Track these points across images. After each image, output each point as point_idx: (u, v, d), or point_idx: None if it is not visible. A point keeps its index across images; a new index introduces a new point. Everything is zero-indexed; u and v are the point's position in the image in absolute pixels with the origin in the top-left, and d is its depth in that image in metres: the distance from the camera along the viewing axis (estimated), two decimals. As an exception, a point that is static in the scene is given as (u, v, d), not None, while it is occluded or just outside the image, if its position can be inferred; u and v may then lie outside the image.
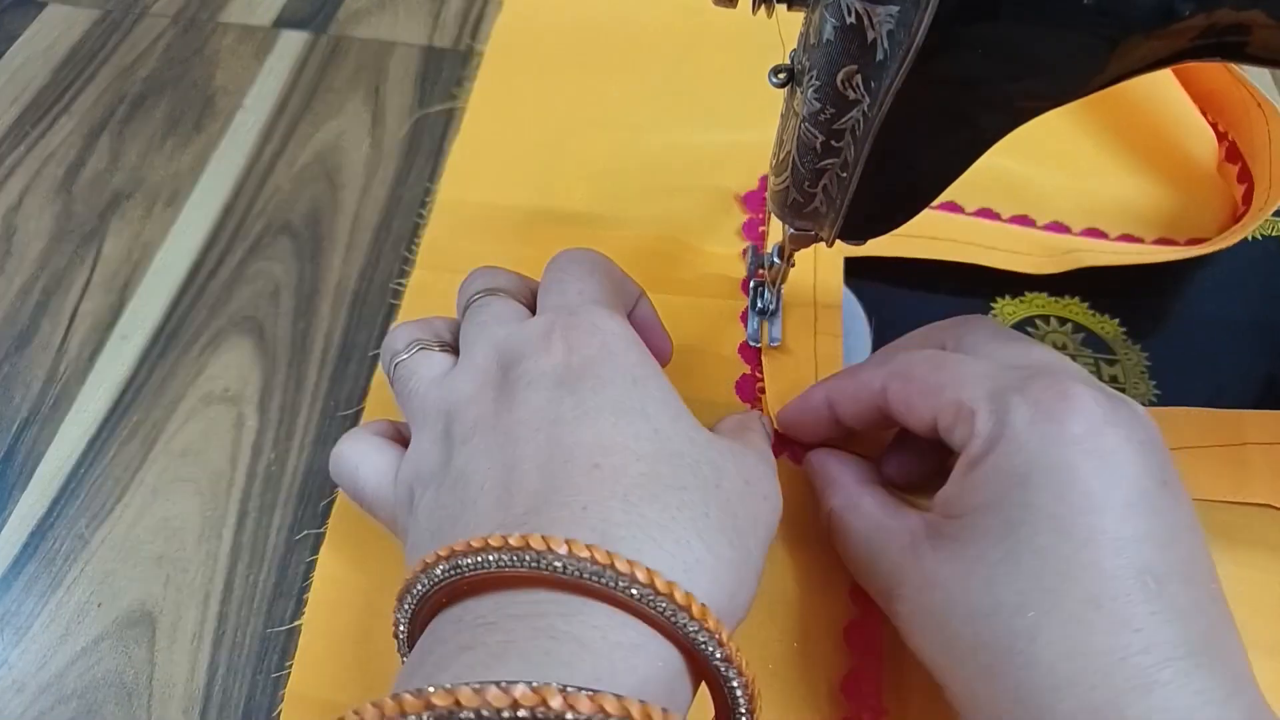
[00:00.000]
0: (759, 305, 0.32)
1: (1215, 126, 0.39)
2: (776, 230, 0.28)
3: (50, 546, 0.28)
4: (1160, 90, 0.39)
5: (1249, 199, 0.36)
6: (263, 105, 0.41)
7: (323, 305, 0.34)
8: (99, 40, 0.44)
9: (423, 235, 0.36)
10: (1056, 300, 0.35)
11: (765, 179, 0.37)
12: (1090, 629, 0.18)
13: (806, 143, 0.22)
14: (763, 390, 0.31)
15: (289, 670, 0.26)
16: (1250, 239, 0.35)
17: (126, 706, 0.25)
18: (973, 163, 0.22)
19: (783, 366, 0.32)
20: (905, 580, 0.22)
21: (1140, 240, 0.36)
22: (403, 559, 0.28)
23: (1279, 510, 0.28)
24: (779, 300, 0.32)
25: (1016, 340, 0.24)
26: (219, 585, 0.27)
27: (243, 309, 0.34)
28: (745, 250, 0.35)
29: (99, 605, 0.27)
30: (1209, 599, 0.19)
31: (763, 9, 0.21)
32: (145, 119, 0.41)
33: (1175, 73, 0.40)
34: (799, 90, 0.22)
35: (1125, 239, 0.36)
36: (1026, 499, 0.20)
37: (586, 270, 0.26)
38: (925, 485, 0.26)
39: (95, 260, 0.35)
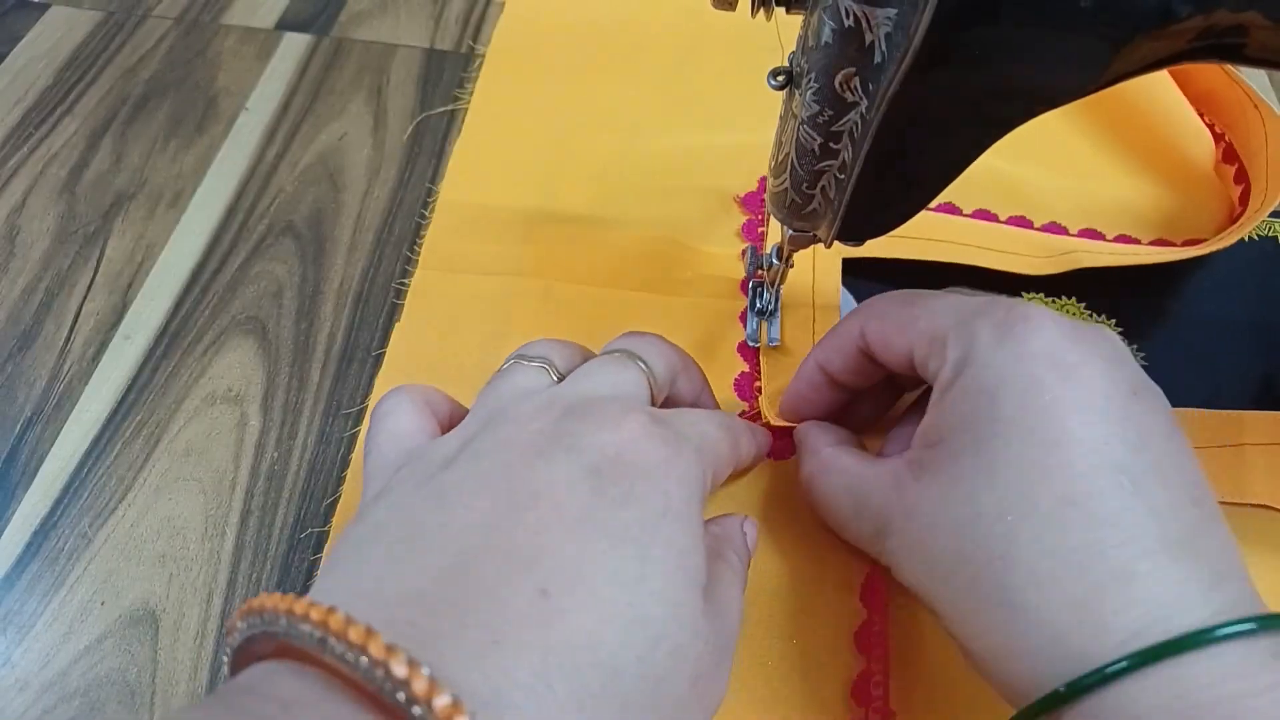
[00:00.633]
0: (758, 306, 0.33)
1: (1212, 127, 0.39)
2: (775, 231, 0.29)
3: (53, 545, 0.28)
4: (1158, 91, 0.39)
5: (1246, 199, 0.36)
6: (265, 107, 0.41)
7: (325, 306, 0.34)
8: (102, 42, 0.44)
9: (425, 236, 0.36)
10: (1053, 300, 0.35)
11: (764, 180, 0.37)
12: (1066, 526, 0.19)
13: (805, 145, 0.22)
14: (760, 390, 0.31)
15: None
16: (1247, 239, 0.36)
17: (129, 705, 0.25)
18: (970, 164, 0.22)
19: (781, 366, 0.32)
20: (891, 516, 0.22)
21: (1137, 241, 0.36)
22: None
23: (1278, 511, 0.29)
24: (778, 301, 0.33)
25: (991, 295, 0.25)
26: (222, 584, 0.28)
27: (246, 309, 0.34)
28: (744, 251, 0.35)
29: (102, 604, 0.27)
30: (1189, 501, 0.19)
31: (762, 12, 0.21)
32: (148, 120, 0.41)
33: (1172, 74, 0.40)
34: (797, 92, 0.22)
35: (1122, 240, 0.36)
36: (995, 413, 0.20)
37: (650, 351, 0.25)
38: None
39: (98, 261, 0.36)
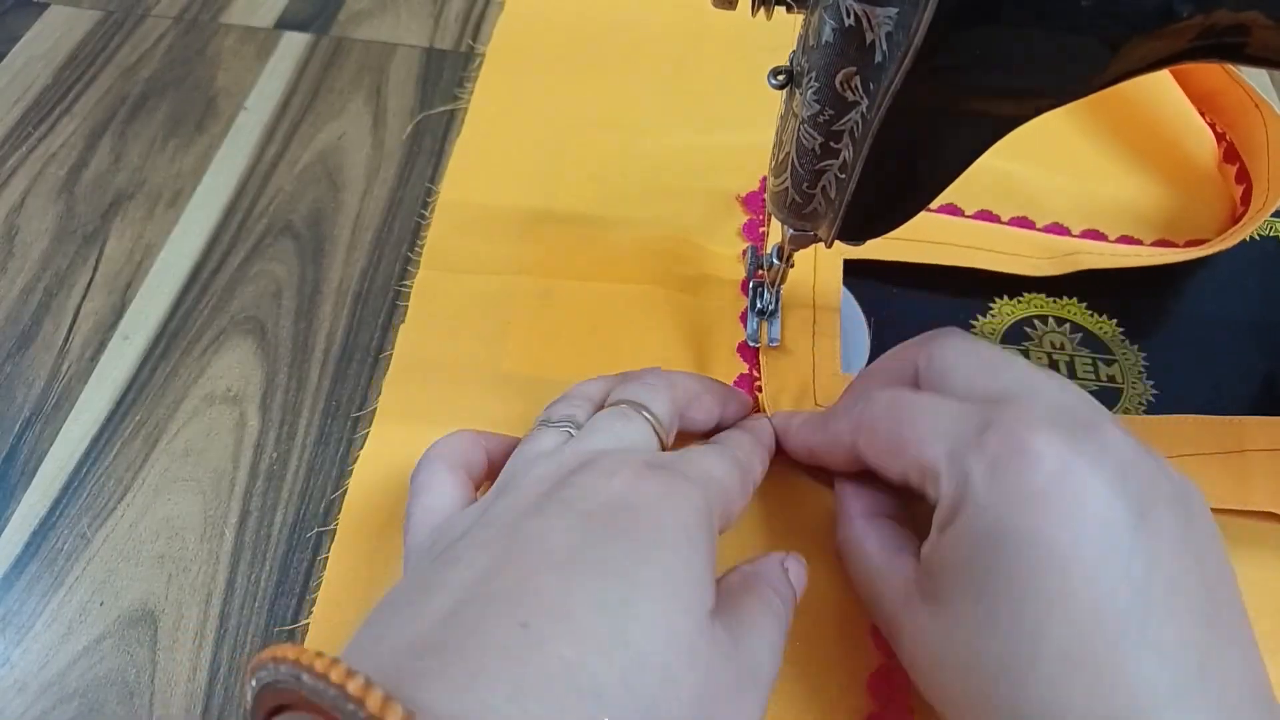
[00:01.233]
0: (758, 305, 0.32)
1: (1214, 127, 0.39)
2: (776, 231, 0.29)
3: (52, 546, 0.28)
4: (1159, 91, 0.39)
5: (1247, 199, 0.36)
6: (265, 106, 0.41)
7: (324, 305, 0.34)
8: (101, 41, 0.44)
9: (424, 236, 0.36)
10: (1054, 301, 0.35)
11: (765, 180, 0.37)
12: (1070, 686, 0.18)
13: (805, 144, 0.22)
14: (760, 390, 0.31)
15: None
16: (1248, 239, 0.36)
17: (128, 705, 0.25)
18: (971, 164, 0.22)
19: (781, 366, 0.32)
20: (901, 630, 0.22)
21: (1139, 241, 0.36)
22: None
23: None
24: (778, 301, 0.32)
25: (988, 359, 0.23)
26: (221, 584, 0.28)
27: (245, 309, 0.34)
28: (745, 251, 0.35)
29: (101, 604, 0.27)
30: (1202, 625, 0.19)
31: (762, 11, 0.21)
32: (147, 120, 0.41)
33: (1173, 74, 0.40)
34: (798, 92, 0.22)
35: (1124, 240, 0.36)
36: (994, 563, 0.19)
37: (656, 393, 0.25)
38: None
39: (97, 261, 0.36)
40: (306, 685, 0.15)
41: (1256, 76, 0.41)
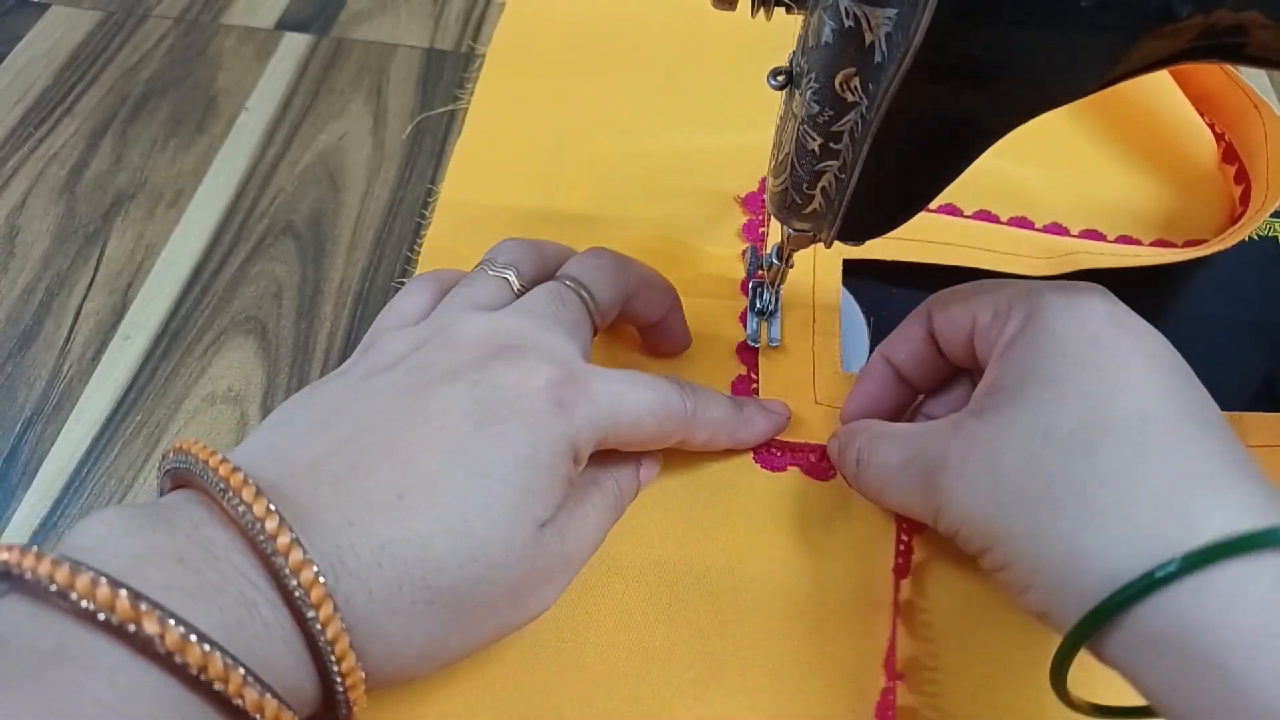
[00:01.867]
0: (758, 306, 0.33)
1: (1213, 127, 0.39)
2: (776, 231, 0.29)
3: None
4: (1158, 91, 0.39)
5: (1246, 199, 0.36)
6: (265, 107, 0.41)
7: (325, 306, 0.34)
8: (102, 42, 0.44)
9: (425, 236, 0.36)
10: (1055, 301, 0.35)
11: (765, 181, 0.37)
12: (1147, 439, 0.20)
13: (805, 144, 0.22)
14: (757, 390, 0.31)
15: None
16: (1247, 239, 0.36)
17: (130, 704, 0.25)
18: (970, 164, 0.22)
19: (780, 366, 0.32)
20: (948, 453, 0.23)
21: (1138, 242, 0.36)
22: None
23: None
24: (778, 301, 0.33)
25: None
26: (222, 584, 0.28)
27: (245, 309, 0.34)
28: (744, 251, 0.35)
29: (102, 604, 0.27)
30: (1244, 456, 0.20)
31: (761, 12, 0.21)
32: (148, 120, 0.41)
33: (1172, 74, 0.40)
34: (797, 92, 0.22)
35: (1123, 240, 0.36)
36: (1066, 350, 0.21)
37: (600, 277, 0.27)
38: None
39: (98, 261, 0.36)
40: (210, 481, 0.19)
41: (1256, 77, 0.42)
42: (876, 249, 0.34)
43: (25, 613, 0.16)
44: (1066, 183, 0.38)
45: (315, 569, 0.18)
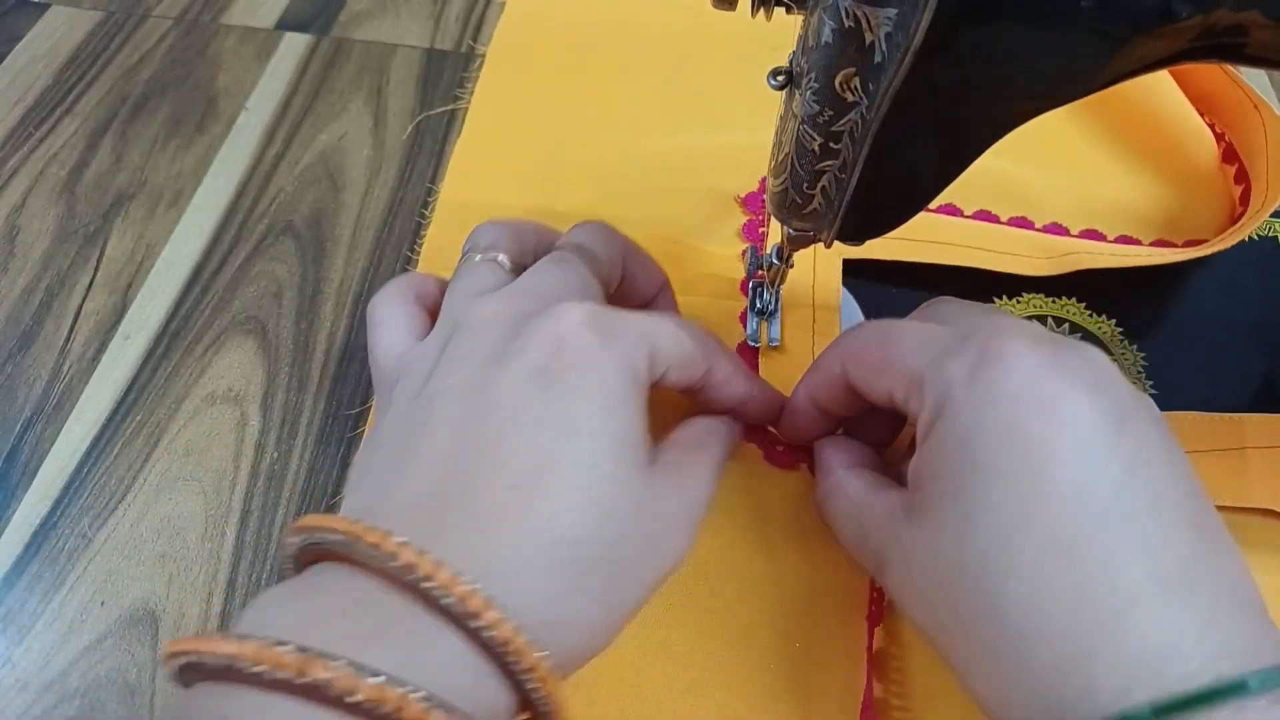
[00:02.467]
0: (758, 306, 0.33)
1: (1213, 127, 0.39)
2: (776, 231, 0.29)
3: (53, 545, 0.28)
4: (1158, 91, 0.39)
5: (1246, 199, 0.36)
6: (265, 107, 0.41)
7: (325, 306, 0.34)
8: (102, 42, 0.44)
9: (424, 236, 0.36)
10: (1053, 301, 0.35)
11: (765, 181, 0.37)
12: (1052, 575, 0.18)
13: (805, 144, 0.22)
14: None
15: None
16: (1247, 239, 0.36)
17: (129, 705, 0.25)
18: (970, 164, 0.22)
19: (780, 366, 0.32)
20: (888, 555, 0.22)
21: (1138, 242, 0.36)
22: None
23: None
24: (778, 301, 0.33)
25: (974, 309, 0.25)
26: (222, 584, 0.28)
27: (246, 309, 0.34)
28: (744, 251, 0.35)
29: (102, 604, 0.27)
30: (1187, 526, 0.19)
31: (761, 12, 0.21)
32: (148, 120, 0.41)
33: (1172, 74, 0.40)
34: (797, 92, 0.22)
35: (1123, 240, 0.36)
36: (973, 458, 0.20)
37: (592, 249, 0.27)
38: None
39: (98, 261, 0.36)
40: (346, 545, 0.19)
41: (1256, 77, 0.42)
42: (876, 249, 0.34)
43: (212, 693, 0.17)
44: (1066, 183, 0.38)
45: (468, 580, 0.18)
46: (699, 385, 0.26)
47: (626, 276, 0.29)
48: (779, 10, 0.21)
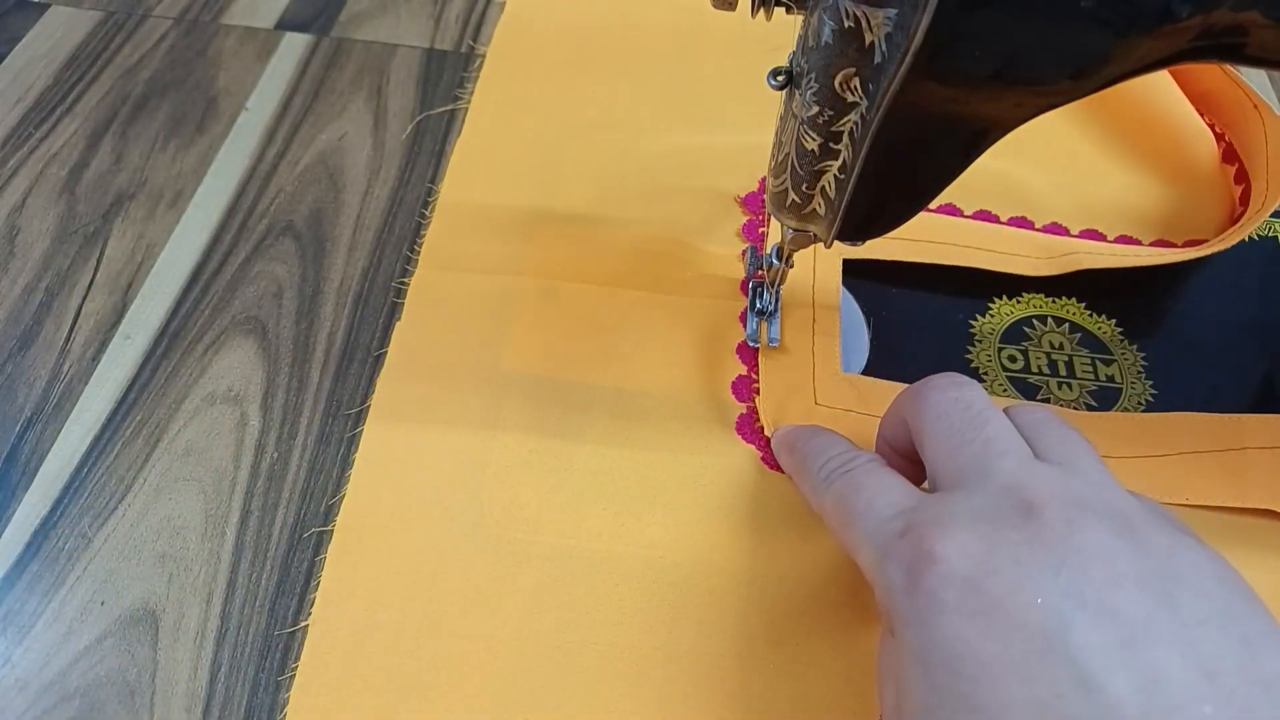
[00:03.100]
0: (758, 306, 0.33)
1: (1213, 127, 0.39)
2: (776, 231, 0.29)
3: (53, 545, 0.28)
4: (1158, 91, 0.39)
5: (1246, 199, 0.36)
6: (265, 107, 0.41)
7: (325, 305, 0.34)
8: (102, 42, 0.44)
9: (425, 236, 0.36)
10: (1053, 301, 0.35)
11: (764, 181, 0.37)
12: None
13: (805, 145, 0.22)
14: (757, 390, 0.31)
15: (293, 671, 0.26)
16: (1247, 240, 0.36)
17: (129, 705, 0.25)
18: (970, 164, 0.22)
19: (780, 366, 0.32)
20: (880, 658, 0.22)
21: (1138, 242, 0.36)
22: (410, 559, 0.28)
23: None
24: (778, 301, 0.33)
25: (959, 427, 0.23)
26: (222, 584, 0.28)
27: (246, 309, 0.34)
28: (744, 251, 0.35)
29: (102, 604, 0.27)
30: (1133, 690, 0.18)
31: (761, 12, 0.21)
32: (148, 120, 0.41)
33: (1172, 74, 0.40)
34: (797, 93, 0.22)
35: (1123, 240, 0.36)
36: (932, 680, 0.19)
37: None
38: None
39: (98, 261, 0.36)
40: None
41: (1256, 77, 0.42)
42: (876, 249, 0.34)
43: None
44: (1066, 183, 0.38)
45: None
46: None
47: None
48: (779, 10, 0.21)
